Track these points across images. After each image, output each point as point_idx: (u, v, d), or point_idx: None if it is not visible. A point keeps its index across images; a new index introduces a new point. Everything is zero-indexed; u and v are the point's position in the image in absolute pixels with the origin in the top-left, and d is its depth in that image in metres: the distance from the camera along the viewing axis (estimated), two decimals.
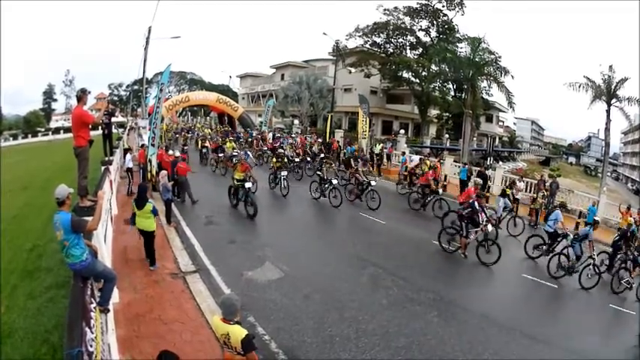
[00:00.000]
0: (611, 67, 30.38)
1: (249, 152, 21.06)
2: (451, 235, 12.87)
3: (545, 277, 11.88)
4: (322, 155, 25.70)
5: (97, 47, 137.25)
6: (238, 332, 4.15)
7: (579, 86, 31.27)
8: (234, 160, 20.04)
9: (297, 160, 23.92)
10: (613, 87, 30.05)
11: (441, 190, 17.85)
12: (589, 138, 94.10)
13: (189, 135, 37.30)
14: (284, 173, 18.35)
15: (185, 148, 24.67)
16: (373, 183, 17.61)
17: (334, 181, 17.44)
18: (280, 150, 23.08)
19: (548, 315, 9.85)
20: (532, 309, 10.12)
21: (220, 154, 23.83)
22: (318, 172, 18.60)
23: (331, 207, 16.84)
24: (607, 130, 31.55)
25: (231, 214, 15.14)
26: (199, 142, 29.02)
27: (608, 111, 30.66)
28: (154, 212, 9.59)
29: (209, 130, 40.64)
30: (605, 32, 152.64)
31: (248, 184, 14.83)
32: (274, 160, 19.73)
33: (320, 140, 30.87)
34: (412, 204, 17.95)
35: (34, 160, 39.28)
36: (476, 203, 12.47)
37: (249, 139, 33.51)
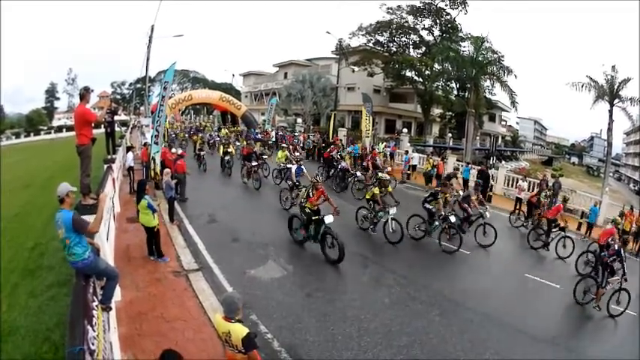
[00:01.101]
0: (613, 67, 30.30)
1: (302, 166, 16.69)
2: (589, 286, 10.70)
3: None
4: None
5: (99, 46, 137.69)
6: (239, 331, 4.15)
7: (582, 86, 31.21)
8: (288, 176, 16.92)
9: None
10: (616, 87, 29.97)
11: (565, 226, 14.66)
12: (591, 138, 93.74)
13: (201, 136, 31.60)
14: (392, 211, 12.85)
15: (202, 153, 23.21)
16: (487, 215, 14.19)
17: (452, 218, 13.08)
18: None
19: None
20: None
21: (254, 163, 19.26)
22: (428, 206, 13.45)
23: None
24: (609, 130, 31.52)
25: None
26: (221, 147, 23.31)
27: (610, 111, 30.62)
28: (150, 207, 9.66)
29: (226, 131, 37.73)
30: (608, 32, 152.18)
31: (328, 219, 10.62)
32: (376, 189, 13.28)
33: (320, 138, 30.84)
34: (532, 242, 14.60)
35: (36, 158, 39.37)
36: (621, 249, 10.80)
37: (279, 143, 30.22)
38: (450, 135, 47.35)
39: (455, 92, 43.95)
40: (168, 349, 3.63)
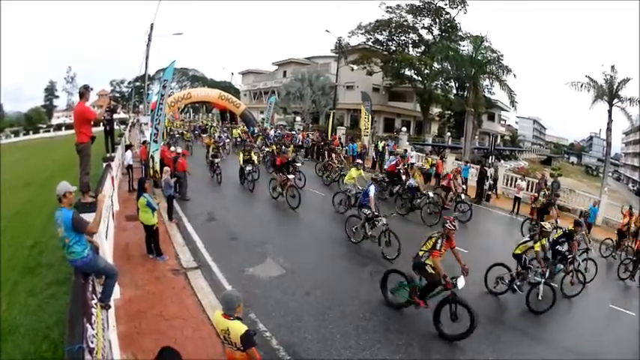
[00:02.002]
0: (613, 67, 30.36)
1: (372, 185, 12.72)
2: None
3: None
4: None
5: (99, 44, 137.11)
6: (238, 328, 4.16)
7: (581, 86, 31.27)
8: (363, 203, 12.30)
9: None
10: (615, 87, 30.02)
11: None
12: (590, 138, 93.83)
13: (215, 139, 26.80)
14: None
15: (216, 161, 19.60)
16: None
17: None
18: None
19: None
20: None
21: (291, 176, 16.24)
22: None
23: None
24: (609, 130, 31.56)
25: None
26: (241, 155, 19.15)
27: (609, 111, 30.67)
28: (149, 206, 9.68)
29: (238, 132, 35.40)
30: (607, 32, 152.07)
31: (461, 283, 7.59)
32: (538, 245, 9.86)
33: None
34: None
35: (36, 156, 39.31)
36: None
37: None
38: (448, 134, 47.42)
39: (454, 91, 44.07)
40: (167, 347, 3.63)
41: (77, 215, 5.18)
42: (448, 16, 43.21)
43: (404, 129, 37.96)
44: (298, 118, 44.96)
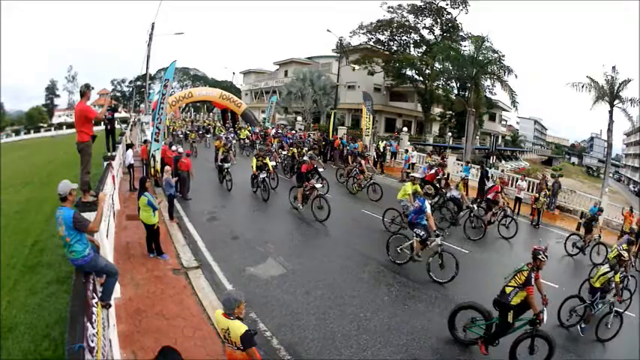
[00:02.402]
0: (614, 68, 30.27)
1: (426, 201, 11.06)
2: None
3: None
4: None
5: (99, 43, 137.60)
6: (238, 328, 4.16)
7: (582, 86, 31.13)
8: (415, 220, 10.86)
9: None
10: (616, 88, 29.93)
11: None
12: (591, 138, 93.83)
13: (224, 142, 23.46)
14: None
15: (226, 166, 17.93)
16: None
17: None
18: None
19: None
20: None
21: (318, 185, 14.89)
22: None
23: None
24: (609, 131, 31.47)
25: None
26: (255, 160, 17.06)
27: (610, 112, 30.54)
28: (150, 205, 9.69)
29: (247, 132, 33.61)
30: (608, 33, 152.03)
31: (545, 316, 6.91)
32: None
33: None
34: None
35: (37, 155, 39.31)
36: None
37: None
38: (450, 134, 47.28)
39: (455, 91, 43.94)
40: (167, 346, 3.64)
41: (78, 214, 5.18)
42: (449, 17, 43.13)
43: (405, 129, 37.88)
44: (299, 118, 44.93)
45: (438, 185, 17.23)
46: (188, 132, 35.90)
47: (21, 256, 11.62)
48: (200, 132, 37.48)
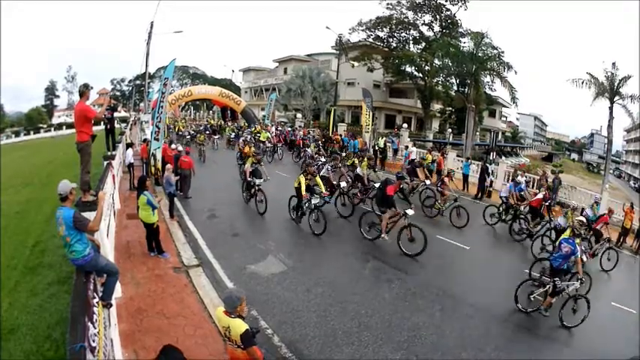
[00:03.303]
0: (614, 64, 30.28)
1: (571, 240, 9.16)
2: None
3: None
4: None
5: (99, 43, 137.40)
6: (239, 326, 4.16)
7: (582, 83, 31.19)
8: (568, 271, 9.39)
9: None
10: (616, 84, 29.94)
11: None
12: (592, 135, 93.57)
13: (252, 146, 20.85)
14: None
15: (257, 182, 14.25)
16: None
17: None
18: None
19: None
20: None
21: (409, 211, 11.34)
22: None
23: None
24: (610, 127, 31.49)
25: None
26: (302, 179, 12.75)
27: (610, 108, 30.59)
28: (149, 204, 9.68)
29: (268, 135, 29.16)
30: (609, 29, 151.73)
31: None
32: None
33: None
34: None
35: (37, 156, 39.30)
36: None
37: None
38: (449, 130, 47.29)
39: (455, 88, 44.00)
40: (168, 345, 3.64)
41: (78, 213, 5.18)
42: (449, 13, 43.15)
43: (405, 125, 37.89)
44: (299, 115, 44.95)
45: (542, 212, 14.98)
46: (195, 132, 33.01)
47: (22, 257, 11.63)
48: (207, 132, 33.62)
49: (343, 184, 14.95)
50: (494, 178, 23.08)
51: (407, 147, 26.56)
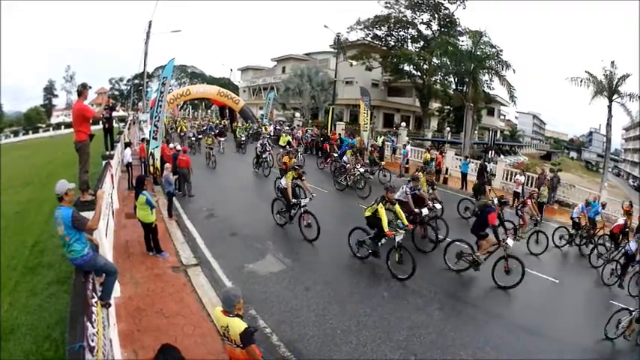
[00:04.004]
0: (612, 63, 30.26)
1: None
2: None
3: None
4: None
5: (100, 44, 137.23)
6: (237, 325, 4.16)
7: (581, 81, 31.12)
8: None
9: None
10: (615, 83, 29.92)
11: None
12: (590, 133, 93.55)
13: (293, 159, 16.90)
14: None
15: (303, 203, 11.96)
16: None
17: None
18: None
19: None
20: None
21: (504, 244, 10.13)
22: None
23: None
24: (608, 125, 31.45)
25: None
26: (381, 209, 10.13)
27: (609, 107, 30.52)
28: (148, 203, 9.68)
29: (288, 138, 25.01)
30: (607, 28, 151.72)
31: None
32: None
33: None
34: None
35: (36, 155, 39.27)
36: None
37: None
38: (448, 129, 47.33)
39: (453, 86, 44.02)
40: (167, 344, 3.65)
41: (77, 213, 5.19)
42: (447, 12, 43.14)
43: (403, 124, 37.89)
44: (297, 114, 44.94)
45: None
46: (199, 134, 30.37)
47: (21, 258, 11.65)
48: (212, 133, 29.72)
49: (425, 211, 12.01)
50: (493, 177, 23.05)
51: (404, 145, 26.59)
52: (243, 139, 29.75)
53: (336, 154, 21.47)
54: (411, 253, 9.73)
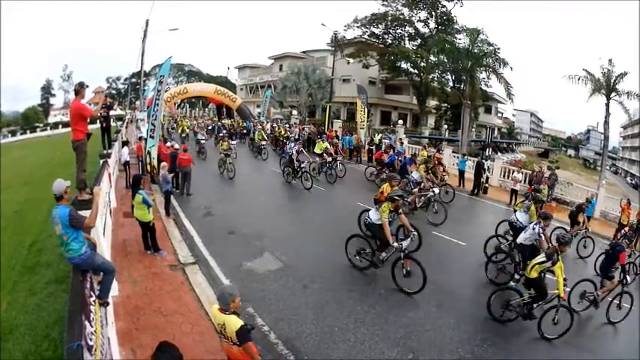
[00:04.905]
0: (610, 61, 30.33)
1: None
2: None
3: None
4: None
5: (100, 44, 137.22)
6: (234, 323, 4.17)
7: (578, 79, 31.20)
8: None
9: None
10: (612, 81, 29.98)
11: None
12: (588, 131, 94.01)
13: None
14: None
15: (404, 246, 9.05)
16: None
17: None
18: None
19: None
20: None
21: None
22: None
23: None
24: (606, 123, 31.52)
25: None
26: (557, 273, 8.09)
27: (607, 104, 30.61)
28: (145, 202, 9.69)
29: (326, 145, 20.97)
30: (605, 26, 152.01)
31: None
32: None
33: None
34: None
35: (34, 155, 39.23)
36: None
37: None
38: (445, 127, 47.38)
39: (450, 84, 44.08)
40: (165, 342, 3.66)
41: (74, 211, 5.20)
42: (444, 9, 43.12)
43: (400, 122, 37.92)
44: (295, 112, 44.95)
45: None
46: (206, 136, 27.76)
47: (20, 257, 11.66)
48: (221, 134, 27.49)
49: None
50: (491, 174, 23.10)
51: (402, 143, 26.62)
52: (264, 143, 25.95)
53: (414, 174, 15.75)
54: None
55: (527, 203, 11.38)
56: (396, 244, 8.95)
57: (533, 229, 9.65)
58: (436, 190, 14.52)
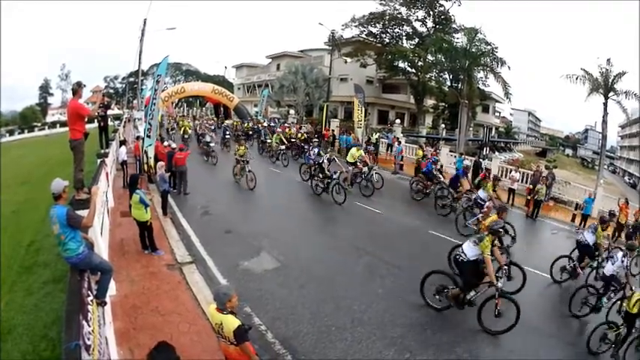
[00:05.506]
0: (608, 60, 30.32)
1: None
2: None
3: None
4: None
5: (99, 44, 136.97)
6: (231, 322, 4.20)
7: (576, 78, 31.15)
8: None
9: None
10: (610, 80, 29.98)
11: None
12: (586, 130, 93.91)
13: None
14: None
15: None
16: None
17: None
18: None
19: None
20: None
21: None
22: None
23: None
24: (604, 123, 31.52)
25: None
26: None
27: (605, 104, 30.61)
28: (142, 202, 9.69)
29: (360, 152, 18.86)
30: (604, 25, 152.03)
31: None
32: None
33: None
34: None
35: (32, 155, 39.16)
36: None
37: None
38: (443, 126, 47.35)
39: (448, 83, 44.06)
40: (162, 342, 3.67)
41: (72, 211, 5.21)
42: (442, 9, 43.09)
43: (398, 121, 37.96)
44: (292, 111, 44.90)
45: None
46: (211, 139, 23.87)
47: (18, 257, 11.65)
48: (228, 135, 26.62)
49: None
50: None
51: (399, 142, 26.61)
52: (283, 147, 23.56)
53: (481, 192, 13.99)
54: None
55: (594, 224, 11.07)
56: (500, 284, 7.83)
57: (622, 261, 9.11)
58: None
